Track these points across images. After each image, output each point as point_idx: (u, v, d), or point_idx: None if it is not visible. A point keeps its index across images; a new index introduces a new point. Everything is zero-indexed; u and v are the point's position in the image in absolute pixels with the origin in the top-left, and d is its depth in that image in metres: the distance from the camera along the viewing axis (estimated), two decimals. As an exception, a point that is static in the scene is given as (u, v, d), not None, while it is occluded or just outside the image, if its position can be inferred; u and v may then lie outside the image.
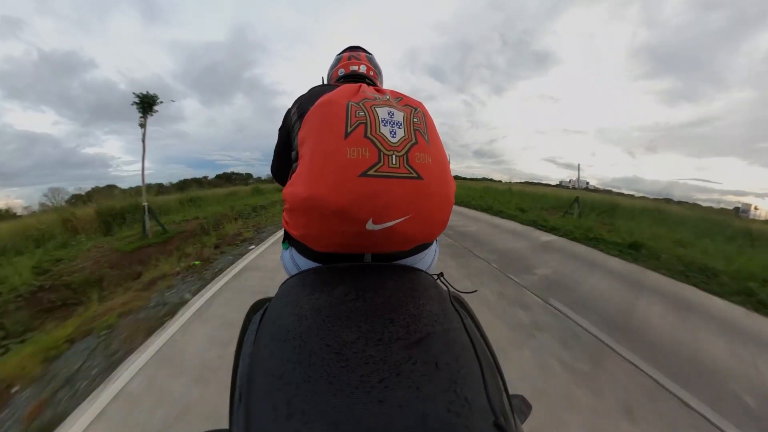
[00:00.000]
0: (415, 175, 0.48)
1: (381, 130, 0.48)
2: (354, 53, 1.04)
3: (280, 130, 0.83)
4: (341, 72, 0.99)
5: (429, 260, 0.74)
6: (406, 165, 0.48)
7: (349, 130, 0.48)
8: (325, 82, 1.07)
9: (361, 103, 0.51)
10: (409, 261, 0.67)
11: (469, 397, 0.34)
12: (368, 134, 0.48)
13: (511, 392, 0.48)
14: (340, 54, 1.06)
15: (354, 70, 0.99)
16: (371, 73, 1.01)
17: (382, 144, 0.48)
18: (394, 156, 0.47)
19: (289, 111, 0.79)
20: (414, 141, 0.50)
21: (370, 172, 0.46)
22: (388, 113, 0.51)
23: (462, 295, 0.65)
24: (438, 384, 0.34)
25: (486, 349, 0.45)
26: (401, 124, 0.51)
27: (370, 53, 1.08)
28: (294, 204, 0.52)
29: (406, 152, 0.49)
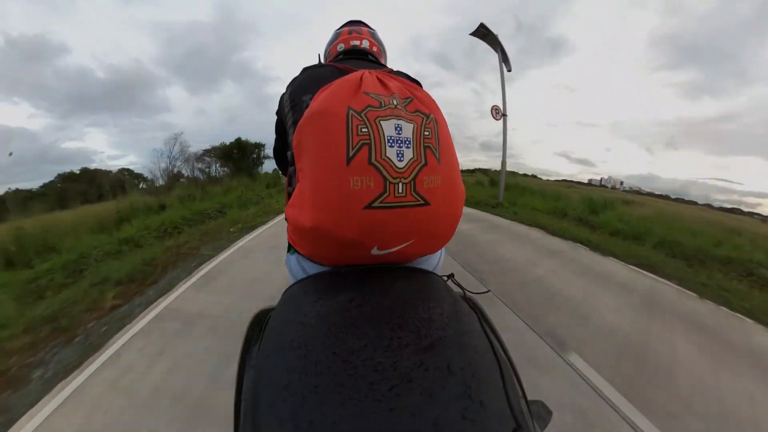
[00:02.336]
0: (421, 201, 0.48)
1: (387, 155, 0.46)
2: (355, 27, 0.99)
3: (277, 113, 0.83)
4: (340, 47, 0.94)
5: (435, 262, 0.74)
6: (413, 192, 0.47)
7: (351, 153, 0.45)
8: (322, 60, 1.03)
9: (363, 114, 0.47)
10: (414, 263, 0.67)
11: (485, 402, 0.34)
12: (373, 160, 0.45)
13: (530, 398, 0.48)
14: (339, 29, 1.01)
15: (355, 46, 0.94)
16: (374, 49, 0.96)
17: (387, 171, 0.46)
18: (400, 184, 0.46)
19: (283, 96, 0.78)
20: (423, 163, 0.48)
21: (375, 204, 0.45)
22: (395, 128, 0.47)
23: (474, 296, 0.65)
24: (451, 390, 0.34)
25: (501, 353, 0.45)
26: (410, 143, 0.48)
27: (372, 28, 1.03)
28: (299, 230, 0.53)
29: (414, 178, 0.47)
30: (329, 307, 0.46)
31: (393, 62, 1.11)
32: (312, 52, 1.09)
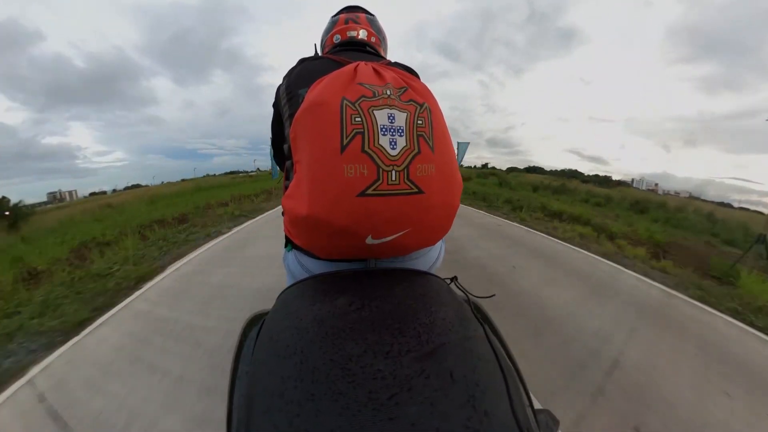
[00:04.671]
0: (415, 190, 0.50)
1: (380, 142, 0.49)
2: (352, 15, 0.98)
3: (273, 106, 0.84)
4: (337, 39, 0.95)
5: (434, 257, 0.77)
6: (406, 180, 0.49)
7: (345, 142, 0.48)
8: (318, 50, 1.04)
9: (357, 104, 0.50)
10: (413, 256, 0.71)
11: (489, 412, 0.34)
12: (366, 148, 0.48)
13: (537, 407, 0.48)
14: (335, 16, 1.00)
15: (352, 37, 0.94)
16: (373, 39, 0.96)
17: (380, 159, 0.48)
18: (393, 172, 0.48)
19: (279, 88, 0.79)
20: (416, 151, 0.50)
21: (369, 191, 0.47)
22: (389, 117, 0.50)
23: (479, 300, 0.65)
24: (454, 399, 0.34)
25: (507, 359, 0.45)
26: (402, 131, 0.50)
27: (371, 15, 1.02)
28: (295, 219, 0.55)
29: (407, 165, 0.49)
30: (326, 311, 0.46)
31: (393, 52, 1.10)
32: (308, 37, 1.08)
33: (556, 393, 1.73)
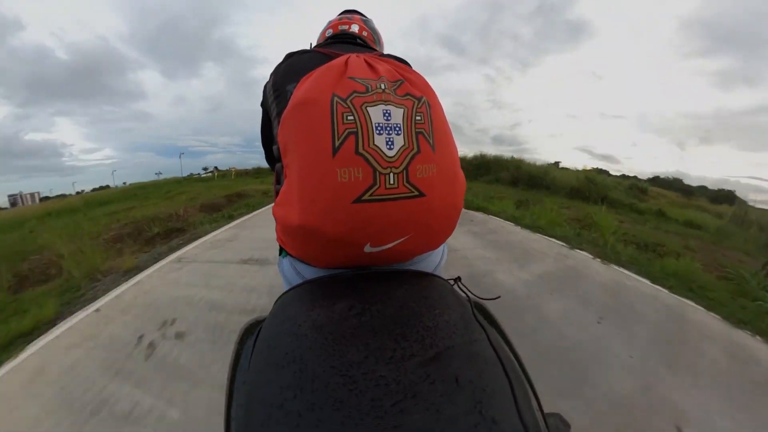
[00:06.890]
0: (416, 193, 0.48)
1: (375, 143, 0.46)
2: (347, 15, 1.04)
3: (261, 104, 0.84)
4: (329, 33, 1.00)
5: (436, 260, 0.75)
6: (405, 183, 0.47)
7: (336, 144, 0.46)
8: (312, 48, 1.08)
9: (348, 101, 0.48)
10: (416, 260, 0.69)
11: (498, 417, 0.34)
12: (360, 150, 0.46)
13: (547, 410, 0.48)
14: (331, 19, 1.07)
15: (343, 30, 0.98)
16: (364, 33, 1.00)
17: (376, 161, 0.46)
18: (391, 174, 0.46)
19: (266, 85, 0.79)
20: (415, 150, 0.48)
21: (365, 197, 0.46)
22: (384, 114, 0.48)
23: (485, 302, 0.64)
24: (460, 405, 0.34)
25: (515, 363, 0.45)
26: (400, 129, 0.48)
27: (366, 17, 1.07)
28: (287, 229, 0.54)
29: (406, 167, 0.47)
30: (326, 316, 0.45)
31: (395, 46, 1.12)
32: (305, 28, 1.11)
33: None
